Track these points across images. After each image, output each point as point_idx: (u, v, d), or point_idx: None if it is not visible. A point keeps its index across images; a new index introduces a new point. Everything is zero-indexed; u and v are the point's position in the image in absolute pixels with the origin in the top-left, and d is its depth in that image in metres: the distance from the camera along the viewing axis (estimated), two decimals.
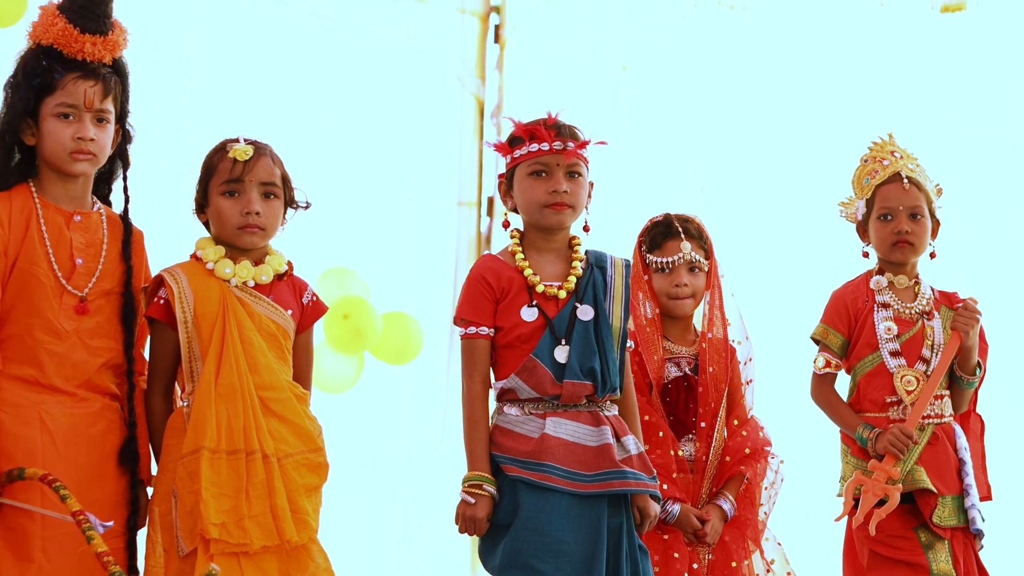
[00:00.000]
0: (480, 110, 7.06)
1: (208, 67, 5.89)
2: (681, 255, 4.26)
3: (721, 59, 6.47)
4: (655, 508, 3.81)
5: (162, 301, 3.66)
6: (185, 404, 3.63)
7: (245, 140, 3.70)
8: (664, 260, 4.26)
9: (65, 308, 3.59)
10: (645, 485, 3.75)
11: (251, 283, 3.69)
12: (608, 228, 6.30)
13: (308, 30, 6.33)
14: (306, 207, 3.76)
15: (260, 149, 3.70)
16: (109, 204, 3.77)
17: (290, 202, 3.74)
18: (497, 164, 6.96)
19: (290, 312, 3.73)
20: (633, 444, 3.78)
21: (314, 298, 3.80)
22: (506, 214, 3.88)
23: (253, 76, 6.08)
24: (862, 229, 4.39)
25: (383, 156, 6.57)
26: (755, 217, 6.30)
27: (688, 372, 4.24)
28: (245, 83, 6.04)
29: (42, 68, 3.59)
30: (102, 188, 3.75)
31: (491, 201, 6.90)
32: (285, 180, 3.73)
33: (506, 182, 3.87)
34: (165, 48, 5.65)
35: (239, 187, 3.67)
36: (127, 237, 3.69)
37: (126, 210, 3.72)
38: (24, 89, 3.59)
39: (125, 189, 3.73)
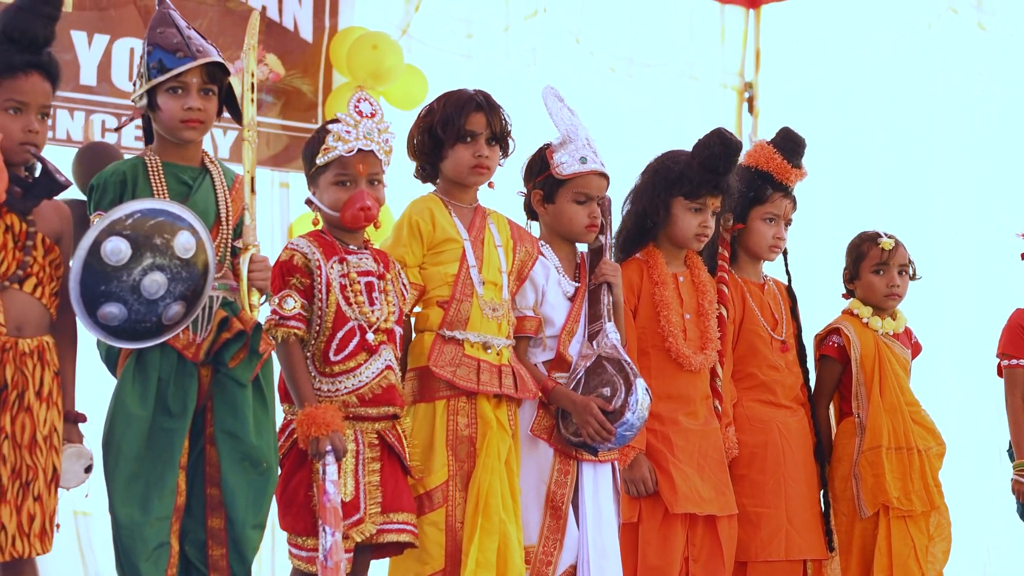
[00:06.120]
0: None
1: None
2: None
3: (975, 135, 8.14)
4: None
5: (835, 345, 5.32)
6: (857, 416, 5.28)
7: (886, 235, 5.37)
8: None
9: (774, 350, 5.21)
10: None
11: (890, 332, 5.38)
12: None
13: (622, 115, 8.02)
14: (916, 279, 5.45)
15: (898, 240, 5.37)
16: None
17: (912, 276, 5.43)
18: None
19: (908, 352, 5.42)
20: None
21: (916, 340, 5.48)
22: None
23: None
24: None
25: None
26: None
27: None
28: None
29: (757, 185, 5.19)
30: None
31: None
32: (911, 261, 5.41)
33: None
34: None
35: (886, 268, 5.35)
36: (794, 303, 5.31)
37: (789, 282, 5.33)
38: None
39: (786, 265, 5.35)
